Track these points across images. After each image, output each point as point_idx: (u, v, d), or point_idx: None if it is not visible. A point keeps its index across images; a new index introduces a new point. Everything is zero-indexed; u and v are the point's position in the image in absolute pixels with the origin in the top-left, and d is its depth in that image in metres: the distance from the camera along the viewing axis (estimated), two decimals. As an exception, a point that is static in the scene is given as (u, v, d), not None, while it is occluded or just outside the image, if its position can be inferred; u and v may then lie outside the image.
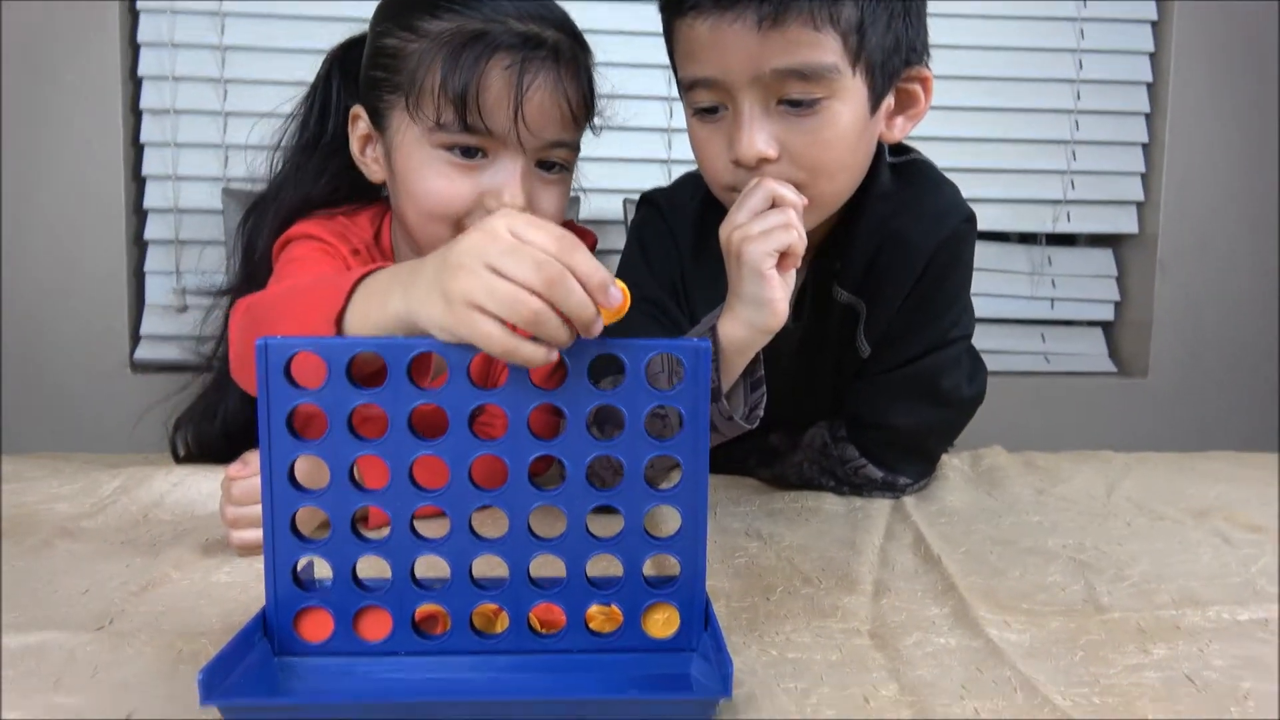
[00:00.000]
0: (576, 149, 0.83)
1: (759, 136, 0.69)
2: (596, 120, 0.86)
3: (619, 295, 0.48)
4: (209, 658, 0.48)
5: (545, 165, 0.81)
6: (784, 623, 0.57)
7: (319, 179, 0.90)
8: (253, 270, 0.92)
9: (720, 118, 0.72)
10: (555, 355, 0.48)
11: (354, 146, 0.86)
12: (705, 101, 0.72)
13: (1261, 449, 1.16)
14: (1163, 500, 0.86)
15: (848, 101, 0.70)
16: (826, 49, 0.68)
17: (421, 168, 0.79)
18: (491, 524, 0.50)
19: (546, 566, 0.50)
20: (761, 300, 0.67)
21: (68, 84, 1.44)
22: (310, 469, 0.49)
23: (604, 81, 0.86)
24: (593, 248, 0.95)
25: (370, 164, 0.86)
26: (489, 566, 0.50)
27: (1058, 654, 0.53)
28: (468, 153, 0.78)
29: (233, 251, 0.97)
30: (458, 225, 0.79)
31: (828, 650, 0.53)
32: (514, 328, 0.47)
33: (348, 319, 0.57)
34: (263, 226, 0.91)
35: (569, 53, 0.79)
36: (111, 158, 1.47)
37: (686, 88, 0.74)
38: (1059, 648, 0.54)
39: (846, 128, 0.71)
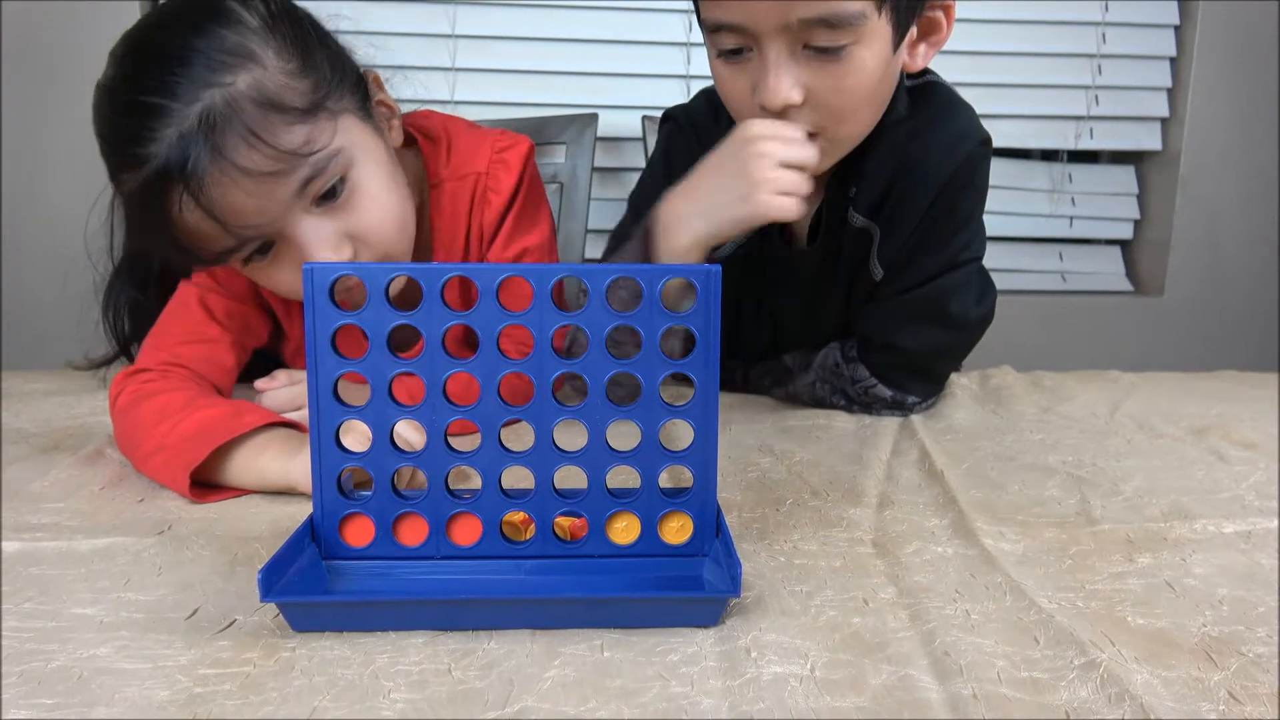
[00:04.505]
0: (334, 152, 0.71)
1: (785, 83, 0.70)
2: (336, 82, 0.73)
3: None
4: (262, 560, 0.53)
5: (328, 194, 0.72)
6: (792, 532, 0.61)
7: None
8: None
9: (745, 59, 0.73)
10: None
11: None
12: (730, 44, 0.73)
13: (1275, 369, 1.18)
14: (1164, 418, 0.89)
15: (872, 45, 0.70)
16: None
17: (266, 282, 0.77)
18: (517, 438, 0.54)
19: (570, 478, 0.54)
20: (749, 195, 0.69)
21: (91, 16, 1.44)
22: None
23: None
24: (528, 154, 0.89)
25: None
26: (516, 478, 0.53)
27: (1048, 562, 0.56)
28: (251, 259, 0.74)
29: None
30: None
31: (832, 557, 0.57)
32: None
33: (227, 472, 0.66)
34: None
35: (222, 109, 0.66)
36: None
37: (710, 30, 0.74)
38: (1049, 556, 0.57)
39: (871, 70, 0.71)
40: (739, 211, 0.71)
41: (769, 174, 0.70)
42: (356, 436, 0.53)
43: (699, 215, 0.71)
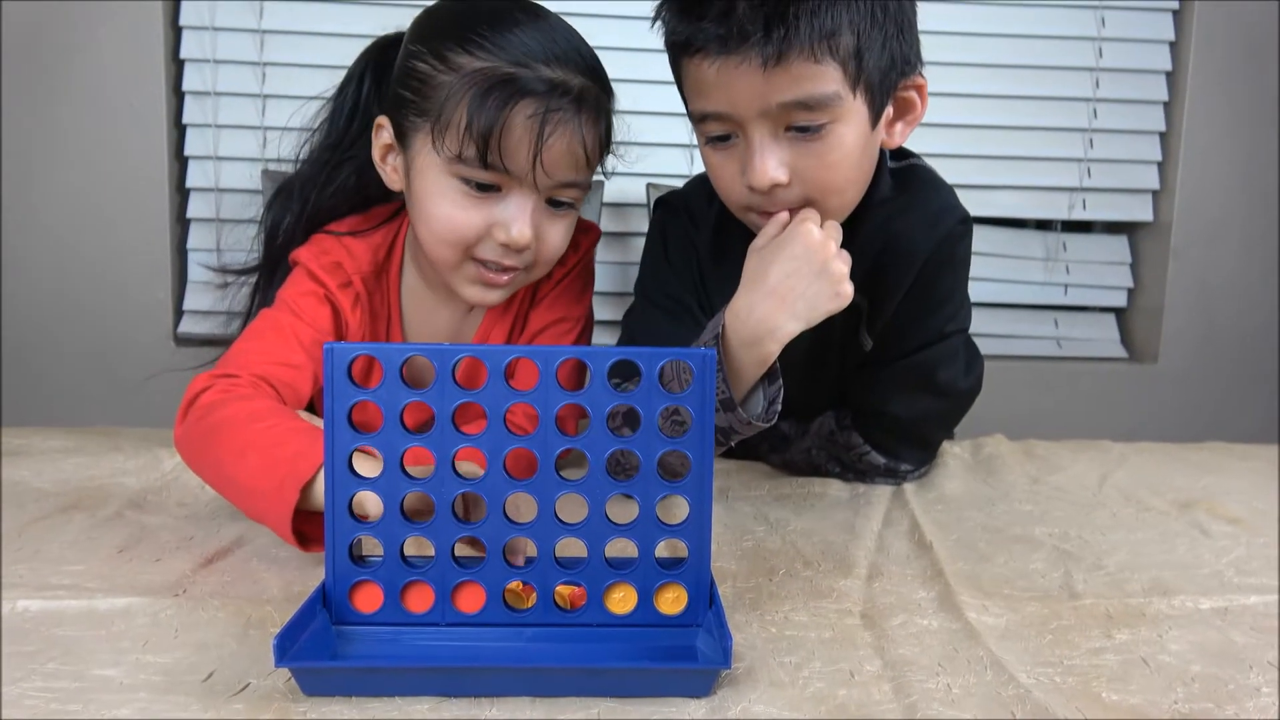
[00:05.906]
0: (588, 187, 0.87)
1: (770, 164, 0.75)
2: (609, 161, 0.89)
3: None
4: (275, 623, 0.55)
5: (554, 202, 0.85)
6: (784, 603, 0.63)
7: (328, 187, 0.92)
8: (274, 255, 0.95)
9: (732, 144, 0.78)
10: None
11: (375, 153, 0.88)
12: (716, 131, 0.78)
13: (1269, 438, 1.20)
14: (1151, 491, 0.91)
15: (850, 123, 0.75)
16: (828, 79, 0.72)
17: (437, 194, 0.82)
18: (523, 509, 0.56)
19: (570, 548, 0.56)
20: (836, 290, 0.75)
21: (112, 67, 1.50)
22: None
23: (623, 125, 0.89)
24: (595, 242, 1.00)
25: (390, 172, 0.88)
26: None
27: (1029, 636, 0.58)
28: (483, 186, 0.81)
29: (259, 230, 0.98)
30: (465, 249, 0.83)
31: (821, 629, 0.59)
32: None
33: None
34: (286, 215, 0.94)
35: (592, 99, 0.82)
36: (155, 138, 1.53)
37: (697, 119, 0.79)
38: (1031, 631, 0.59)
39: (851, 147, 0.76)
40: (831, 305, 0.75)
41: (843, 268, 0.75)
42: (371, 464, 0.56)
43: (794, 318, 0.75)
